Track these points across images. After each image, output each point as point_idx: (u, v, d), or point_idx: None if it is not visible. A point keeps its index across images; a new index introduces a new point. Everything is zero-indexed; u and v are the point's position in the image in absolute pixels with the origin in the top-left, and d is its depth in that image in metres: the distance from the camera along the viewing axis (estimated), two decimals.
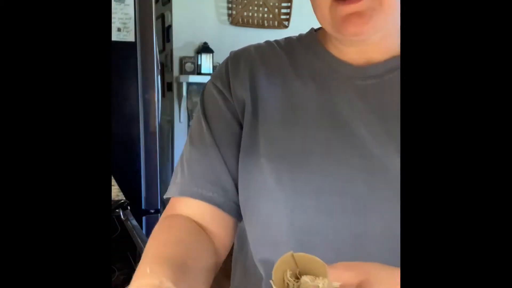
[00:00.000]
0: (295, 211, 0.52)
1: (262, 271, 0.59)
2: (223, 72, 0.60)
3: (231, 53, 0.63)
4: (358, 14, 0.48)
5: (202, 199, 0.57)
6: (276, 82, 0.58)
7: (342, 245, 0.51)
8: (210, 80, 0.62)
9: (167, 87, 3.30)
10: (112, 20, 1.87)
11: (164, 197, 0.60)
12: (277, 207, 0.53)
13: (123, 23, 1.90)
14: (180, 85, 3.12)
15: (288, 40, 0.62)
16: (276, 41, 0.63)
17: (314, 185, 0.52)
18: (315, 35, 0.61)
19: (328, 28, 0.53)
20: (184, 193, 0.58)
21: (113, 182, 1.35)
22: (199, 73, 3.06)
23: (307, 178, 0.52)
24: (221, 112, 0.59)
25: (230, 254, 0.65)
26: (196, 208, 0.57)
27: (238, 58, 0.61)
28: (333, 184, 0.51)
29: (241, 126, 0.58)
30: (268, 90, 0.57)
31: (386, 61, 0.54)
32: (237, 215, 0.59)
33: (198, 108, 0.62)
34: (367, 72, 0.54)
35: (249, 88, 0.58)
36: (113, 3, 1.87)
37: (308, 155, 0.53)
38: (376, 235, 0.50)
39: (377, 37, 0.52)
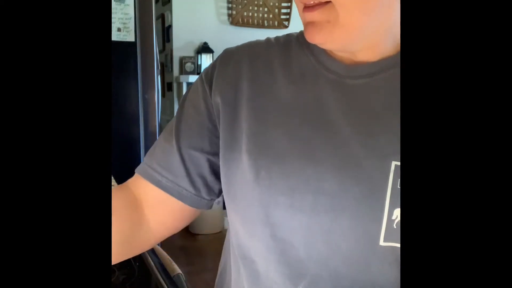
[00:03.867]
0: (270, 207, 0.53)
1: (241, 268, 0.59)
2: (211, 66, 0.63)
3: (224, 49, 0.64)
4: (312, 24, 0.50)
5: (150, 180, 0.60)
6: (264, 78, 0.58)
7: (314, 240, 0.52)
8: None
9: (167, 87, 3.30)
10: (112, 20, 1.87)
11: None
12: (253, 202, 0.55)
13: (123, 23, 1.90)
14: (180, 85, 3.13)
15: (288, 36, 0.63)
16: (276, 37, 0.64)
17: (289, 182, 0.53)
18: None
19: None
20: (139, 171, 0.62)
21: (113, 182, 1.35)
22: (199, 73, 3.05)
23: (283, 175, 0.53)
24: (196, 102, 0.61)
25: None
26: (142, 187, 0.62)
27: (229, 56, 0.62)
28: (307, 183, 0.52)
29: (210, 120, 0.60)
30: (256, 86, 0.58)
31: (378, 62, 0.54)
32: (191, 203, 0.61)
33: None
34: (357, 72, 0.54)
35: (235, 82, 0.59)
36: (113, 3, 1.87)
37: (287, 152, 0.54)
38: (344, 231, 0.51)
39: (358, 46, 0.53)
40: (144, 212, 0.62)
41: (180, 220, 0.64)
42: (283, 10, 3.24)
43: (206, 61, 3.08)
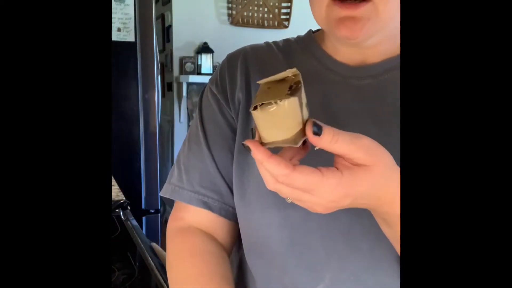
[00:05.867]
0: (287, 209, 0.53)
1: (253, 273, 0.59)
2: (218, 75, 0.62)
3: (227, 55, 0.63)
4: (353, 19, 0.48)
5: (199, 205, 0.59)
6: None
7: (333, 241, 0.52)
8: (207, 83, 0.64)
9: (167, 87, 3.30)
10: (112, 20, 1.87)
11: (160, 195, 0.64)
12: (269, 205, 0.54)
13: (123, 23, 1.90)
14: (180, 85, 3.13)
15: (286, 41, 0.63)
16: (274, 42, 0.63)
17: None
18: (313, 36, 0.61)
19: (323, 26, 0.53)
20: (181, 198, 0.61)
21: (113, 182, 1.35)
22: (199, 73, 3.06)
23: None
24: (215, 117, 0.60)
25: None
26: (198, 214, 0.60)
27: (234, 59, 0.61)
28: None
29: (234, 130, 0.59)
30: None
31: (382, 62, 0.54)
32: (235, 219, 0.61)
33: (196, 111, 0.64)
34: (363, 72, 0.54)
35: (245, 87, 0.59)
36: (113, 3, 1.87)
37: None
38: (364, 231, 0.50)
39: (373, 41, 0.52)
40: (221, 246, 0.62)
41: (235, 238, 0.64)
42: (283, 10, 3.23)
43: (206, 61, 3.08)
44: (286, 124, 0.35)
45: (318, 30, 0.62)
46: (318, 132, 0.36)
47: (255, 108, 0.35)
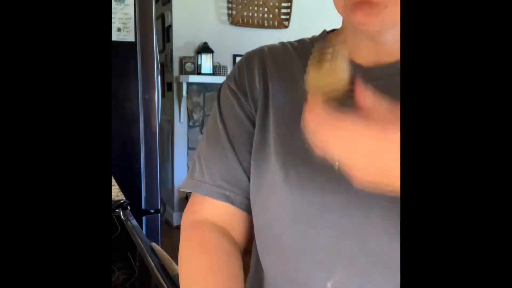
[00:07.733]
0: (300, 206, 0.54)
1: (264, 268, 0.60)
2: (237, 73, 0.63)
3: (245, 53, 0.65)
4: (370, 4, 0.47)
5: (220, 198, 0.60)
6: (287, 81, 0.59)
7: (343, 239, 0.52)
8: (225, 80, 0.65)
9: (167, 87, 3.31)
10: (112, 20, 1.87)
11: (180, 189, 0.66)
12: (283, 201, 0.55)
13: (123, 23, 1.90)
14: (180, 85, 3.13)
15: (301, 42, 0.64)
16: (290, 42, 0.64)
17: (318, 182, 0.53)
18: (327, 37, 0.61)
19: (340, 12, 0.53)
20: (202, 191, 0.61)
21: (113, 182, 1.35)
22: (199, 73, 3.07)
23: (312, 175, 0.54)
24: (234, 112, 0.61)
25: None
26: (217, 208, 0.61)
27: (252, 58, 0.63)
28: (338, 181, 0.52)
29: (254, 125, 0.60)
30: (279, 88, 0.59)
31: (396, 62, 0.53)
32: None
33: (214, 107, 0.65)
34: (375, 74, 0.54)
35: (262, 86, 0.60)
36: (113, 3, 1.87)
37: (313, 153, 0.54)
38: (375, 229, 0.51)
39: (389, 37, 0.52)
40: (231, 234, 0.62)
41: (252, 233, 0.64)
42: (283, 10, 3.23)
43: (206, 61, 3.08)
44: None
45: (332, 30, 0.62)
46: None
47: None
